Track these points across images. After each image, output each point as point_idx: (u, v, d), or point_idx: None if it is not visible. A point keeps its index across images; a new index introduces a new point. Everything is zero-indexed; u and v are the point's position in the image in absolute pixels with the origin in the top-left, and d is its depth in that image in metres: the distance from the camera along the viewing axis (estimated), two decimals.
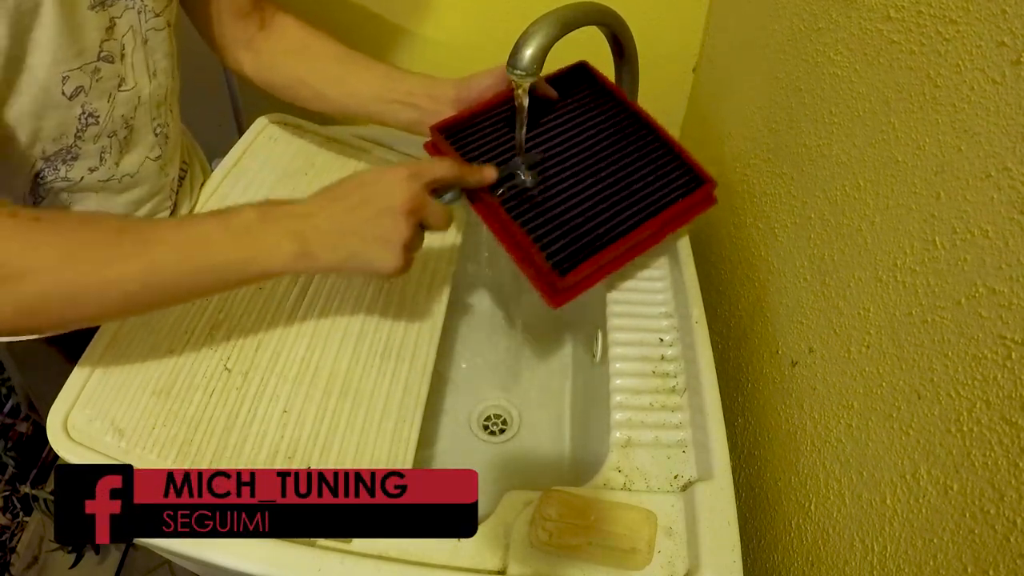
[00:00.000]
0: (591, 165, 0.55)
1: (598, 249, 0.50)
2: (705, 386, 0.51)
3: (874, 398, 0.42)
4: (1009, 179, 0.32)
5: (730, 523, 0.43)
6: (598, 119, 0.59)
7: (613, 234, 0.51)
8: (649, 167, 0.56)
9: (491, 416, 0.72)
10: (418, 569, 0.42)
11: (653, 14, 0.81)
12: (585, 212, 0.52)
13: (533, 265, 0.50)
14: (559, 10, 0.51)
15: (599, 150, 0.57)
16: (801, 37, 0.55)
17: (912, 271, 0.39)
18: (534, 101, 0.54)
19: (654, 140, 0.58)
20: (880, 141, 0.43)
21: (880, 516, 0.41)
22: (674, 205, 0.53)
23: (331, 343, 0.55)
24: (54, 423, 0.47)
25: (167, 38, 0.53)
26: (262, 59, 0.62)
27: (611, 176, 0.55)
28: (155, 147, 0.56)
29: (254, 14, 0.61)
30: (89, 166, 0.51)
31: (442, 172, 0.49)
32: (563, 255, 0.49)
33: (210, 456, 0.47)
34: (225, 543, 0.42)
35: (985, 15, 0.34)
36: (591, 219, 0.51)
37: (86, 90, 0.47)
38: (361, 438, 0.50)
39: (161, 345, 0.52)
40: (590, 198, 0.53)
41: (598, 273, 0.51)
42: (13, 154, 0.46)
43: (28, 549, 1.02)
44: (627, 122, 0.59)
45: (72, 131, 0.48)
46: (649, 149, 0.57)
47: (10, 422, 1.08)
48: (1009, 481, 0.31)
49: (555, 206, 0.52)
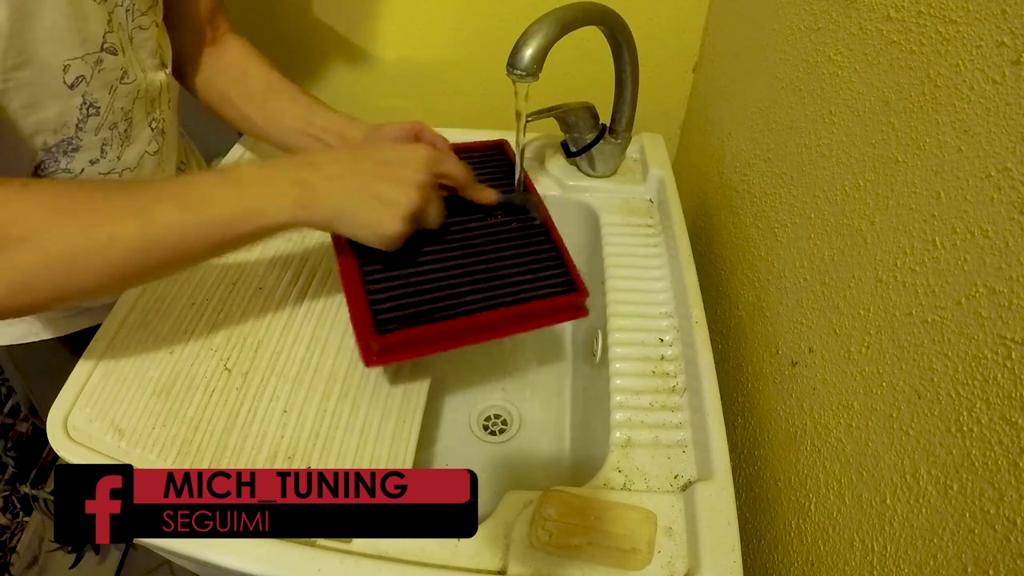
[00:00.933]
0: (470, 243, 0.53)
1: (431, 320, 0.47)
2: (705, 386, 0.51)
3: (874, 398, 0.42)
4: (1009, 179, 0.32)
5: (730, 523, 0.43)
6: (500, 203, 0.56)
7: (455, 311, 0.48)
8: (528, 261, 0.53)
9: (491, 416, 0.72)
10: (418, 569, 0.42)
11: (653, 14, 0.82)
12: (436, 283, 0.49)
13: (360, 319, 0.47)
14: (559, 10, 0.51)
15: (486, 232, 0.54)
16: (801, 37, 0.55)
17: (912, 271, 0.39)
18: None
19: (544, 238, 0.55)
20: (880, 141, 0.43)
21: (880, 516, 0.41)
22: (533, 302, 0.49)
23: (331, 343, 0.55)
24: (54, 423, 0.47)
25: (152, 37, 0.54)
26: (202, 74, 0.63)
27: (483, 257, 0.52)
28: (152, 141, 0.57)
29: (206, 29, 0.62)
30: (90, 158, 0.51)
31: (455, 171, 0.49)
32: (391, 316, 0.47)
33: (210, 456, 0.47)
34: (225, 543, 0.42)
35: (985, 15, 0.34)
36: (439, 291, 0.49)
37: (87, 80, 0.47)
38: (361, 438, 0.50)
39: (161, 345, 0.52)
40: (450, 271, 0.50)
41: (426, 345, 0.47)
42: (14, 144, 0.47)
43: (28, 549, 1.03)
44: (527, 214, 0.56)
45: (73, 122, 0.48)
46: (537, 245, 0.54)
47: (10, 422, 1.08)
48: (1009, 481, 0.31)
49: (409, 270, 0.50)
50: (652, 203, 0.70)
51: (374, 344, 0.45)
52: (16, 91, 0.44)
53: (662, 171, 0.71)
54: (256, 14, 0.88)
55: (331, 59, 0.91)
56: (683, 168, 0.90)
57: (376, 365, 0.47)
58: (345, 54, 0.91)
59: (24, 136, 0.47)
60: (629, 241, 0.65)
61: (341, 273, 0.50)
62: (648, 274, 0.61)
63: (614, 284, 0.60)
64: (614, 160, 0.72)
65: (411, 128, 0.57)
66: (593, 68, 0.73)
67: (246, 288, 0.58)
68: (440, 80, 0.91)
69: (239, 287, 0.58)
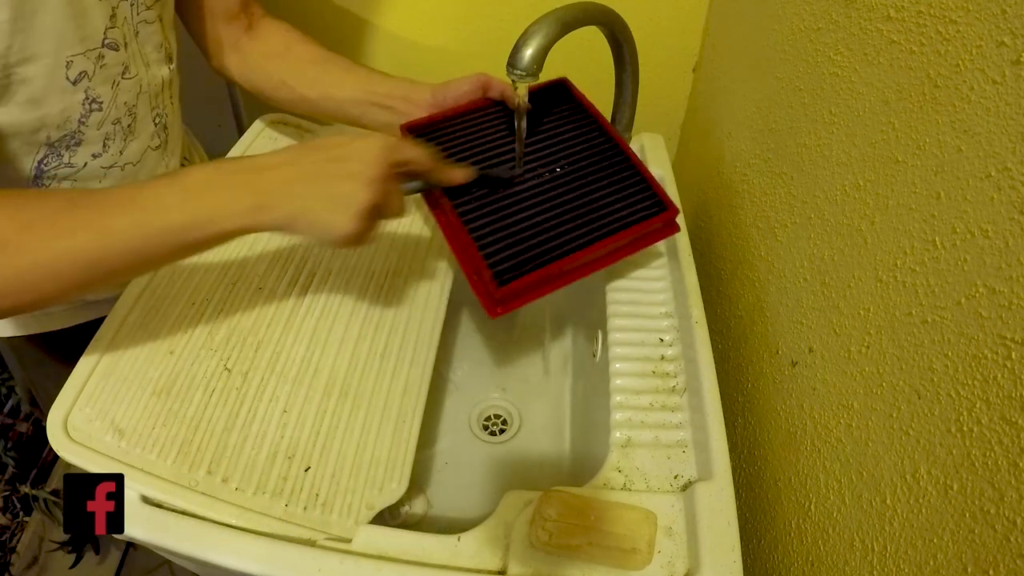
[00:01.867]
0: (555, 181, 0.54)
1: (543, 264, 0.49)
2: (705, 386, 0.51)
3: (874, 398, 0.42)
4: (1009, 179, 0.32)
5: (730, 523, 0.43)
6: (570, 137, 0.58)
7: (562, 250, 0.50)
8: (614, 189, 0.55)
9: (491, 416, 0.72)
10: (418, 569, 0.42)
11: (653, 14, 0.82)
12: (539, 226, 0.51)
13: (476, 272, 0.49)
14: (559, 10, 0.51)
15: (566, 167, 0.56)
16: (801, 37, 0.55)
17: (912, 271, 0.39)
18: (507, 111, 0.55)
19: (624, 163, 0.57)
20: (880, 141, 0.43)
21: (880, 516, 0.41)
22: (631, 228, 0.52)
23: (331, 343, 0.55)
24: (54, 423, 0.47)
25: (158, 31, 0.54)
26: (247, 61, 0.62)
27: (573, 193, 0.54)
28: (155, 136, 0.57)
29: (242, 16, 0.62)
30: (92, 152, 0.51)
31: (416, 157, 0.48)
32: (507, 265, 0.48)
33: (210, 456, 0.47)
34: (225, 543, 0.42)
35: (985, 15, 0.34)
36: (543, 233, 0.51)
37: (90, 76, 0.48)
38: (361, 438, 0.50)
39: (161, 345, 0.52)
40: (546, 212, 0.52)
41: (542, 288, 0.49)
42: (17, 139, 0.47)
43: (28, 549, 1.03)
44: (600, 142, 0.58)
45: (76, 117, 0.49)
46: (617, 172, 0.56)
47: (10, 422, 1.08)
48: (1009, 481, 0.31)
49: (509, 216, 0.51)
50: None
51: (496, 294, 0.47)
52: (19, 87, 0.44)
53: (662, 171, 0.71)
54: None
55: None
56: (683, 168, 0.90)
57: (500, 315, 0.48)
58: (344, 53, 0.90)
59: (27, 131, 0.47)
60: None
61: (445, 230, 0.52)
62: (648, 274, 0.61)
63: (614, 284, 0.60)
64: None
65: (477, 81, 0.58)
66: (593, 68, 0.73)
67: (246, 288, 0.58)
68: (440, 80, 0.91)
69: (239, 287, 0.58)
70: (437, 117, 0.58)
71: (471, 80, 0.59)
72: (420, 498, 0.63)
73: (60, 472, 1.09)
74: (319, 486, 0.46)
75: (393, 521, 0.60)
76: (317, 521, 0.45)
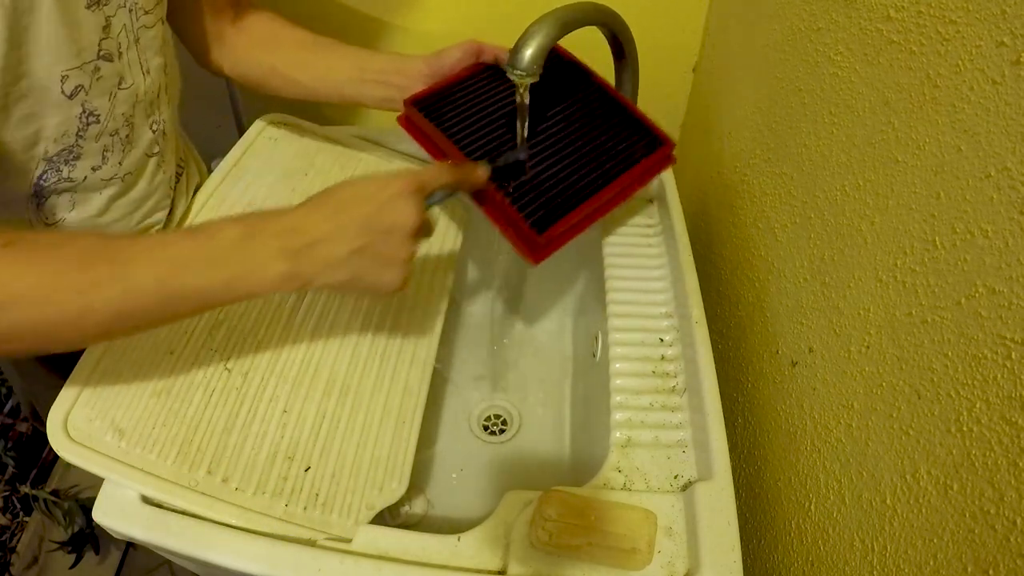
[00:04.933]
0: (559, 135, 0.58)
1: (570, 208, 0.53)
2: (705, 386, 0.51)
3: (874, 398, 0.42)
4: (1009, 179, 0.32)
5: (730, 523, 0.43)
6: (564, 93, 0.61)
7: (583, 195, 0.55)
8: (614, 133, 0.59)
9: (491, 416, 0.72)
10: (418, 569, 0.42)
11: (653, 14, 0.82)
12: (556, 176, 0.56)
13: (514, 227, 0.53)
14: (559, 10, 0.51)
15: (567, 121, 0.60)
16: (801, 37, 0.55)
17: (912, 271, 0.39)
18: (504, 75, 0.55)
19: (616, 108, 0.61)
20: (880, 141, 0.43)
21: (880, 516, 0.41)
22: (636, 165, 0.57)
23: (331, 343, 0.55)
24: (54, 423, 0.47)
25: (157, 35, 0.54)
26: (236, 54, 0.63)
27: (578, 142, 0.58)
28: (153, 144, 0.57)
29: (227, 10, 0.62)
30: (92, 165, 0.51)
31: (443, 181, 0.48)
32: (538, 216, 0.53)
33: (210, 456, 0.47)
34: (225, 543, 0.42)
35: (985, 15, 0.34)
36: (562, 182, 0.55)
37: (86, 89, 0.47)
38: (361, 438, 0.50)
39: (161, 345, 0.52)
40: (559, 163, 0.57)
41: (572, 231, 0.55)
42: (15, 155, 0.46)
43: (28, 549, 1.02)
44: (591, 92, 0.62)
45: (74, 130, 0.48)
46: (612, 116, 0.60)
47: (10, 422, 1.08)
48: (1009, 481, 0.31)
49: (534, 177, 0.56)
50: (652, 203, 0.70)
51: (540, 240, 0.51)
52: (15, 104, 0.44)
53: None
54: None
55: None
56: (683, 168, 0.90)
57: (542, 259, 0.53)
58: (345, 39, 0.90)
59: (25, 147, 0.46)
60: (629, 241, 0.65)
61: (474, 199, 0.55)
62: (648, 274, 0.61)
63: (614, 284, 0.60)
64: None
65: (470, 47, 0.59)
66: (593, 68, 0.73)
67: None
68: None
69: None
70: (439, 87, 0.59)
71: (463, 47, 0.59)
72: (420, 498, 0.63)
73: (60, 472, 1.09)
74: (319, 486, 0.46)
75: (393, 521, 0.60)
76: (317, 521, 0.45)
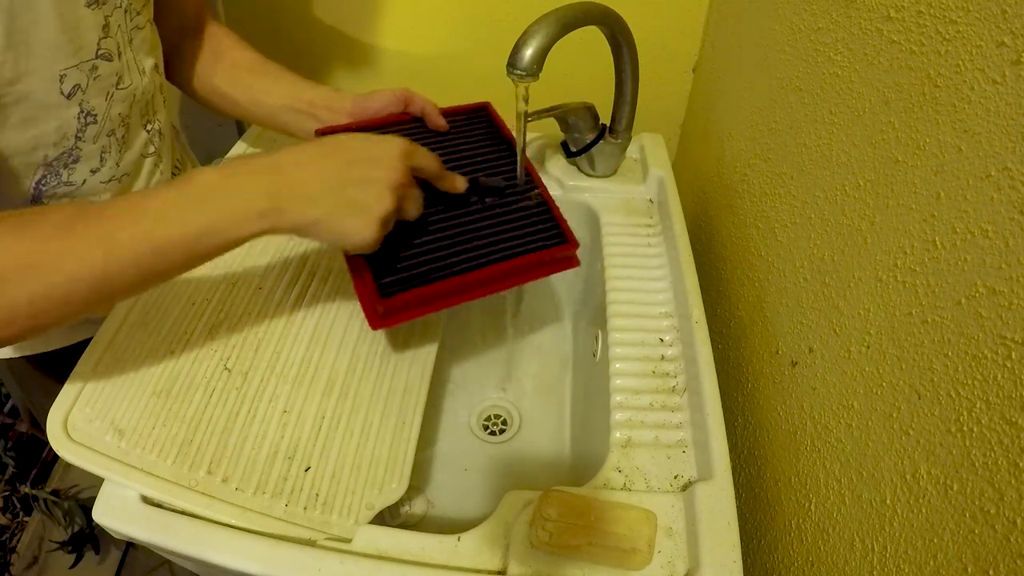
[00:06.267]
0: (463, 209, 0.54)
1: (429, 281, 0.49)
2: (705, 386, 0.51)
3: (874, 398, 0.42)
4: (1009, 179, 0.32)
5: (730, 523, 0.43)
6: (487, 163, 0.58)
7: (452, 270, 0.50)
8: (519, 217, 0.55)
9: (491, 416, 0.72)
10: (418, 569, 0.42)
11: (653, 14, 0.82)
12: (435, 244, 0.51)
13: (363, 284, 0.49)
14: (559, 10, 0.51)
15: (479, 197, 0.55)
16: (801, 37, 0.55)
17: (912, 271, 0.39)
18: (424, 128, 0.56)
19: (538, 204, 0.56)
20: (880, 141, 0.43)
21: (880, 516, 0.41)
22: (526, 256, 0.52)
23: (331, 343, 0.55)
24: (54, 423, 0.47)
25: (148, 36, 0.54)
26: (186, 65, 0.63)
27: (477, 216, 0.54)
28: (148, 144, 0.57)
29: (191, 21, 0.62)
30: (91, 168, 0.51)
31: (428, 163, 0.48)
32: (393, 279, 0.48)
33: (210, 456, 0.47)
34: (225, 543, 0.42)
35: (985, 15, 0.34)
36: (437, 251, 0.51)
37: (83, 88, 0.47)
38: (361, 438, 0.50)
39: (161, 345, 0.52)
40: (446, 232, 0.52)
41: (424, 305, 0.50)
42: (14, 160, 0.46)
43: (28, 549, 1.03)
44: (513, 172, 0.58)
45: (72, 132, 0.48)
46: (526, 202, 0.56)
47: (10, 422, 1.08)
48: (1009, 481, 0.31)
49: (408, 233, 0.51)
50: (652, 203, 0.70)
51: (379, 307, 0.47)
52: (13, 106, 0.44)
53: (662, 171, 0.71)
54: (255, 11, 0.88)
55: (330, 57, 0.92)
56: (683, 168, 0.90)
57: (381, 327, 0.49)
58: (344, 52, 0.91)
59: (24, 151, 0.46)
60: (629, 241, 0.65)
61: None
62: (648, 274, 0.61)
63: (614, 284, 0.60)
64: (614, 160, 0.72)
65: (399, 95, 0.58)
66: (593, 68, 0.73)
67: (246, 288, 0.58)
68: (439, 79, 0.91)
69: (239, 287, 0.58)
70: (352, 126, 0.58)
71: (394, 93, 0.58)
72: (420, 498, 0.63)
73: (60, 472, 1.09)
74: (319, 486, 0.46)
75: (393, 521, 0.60)
76: (317, 521, 0.45)
